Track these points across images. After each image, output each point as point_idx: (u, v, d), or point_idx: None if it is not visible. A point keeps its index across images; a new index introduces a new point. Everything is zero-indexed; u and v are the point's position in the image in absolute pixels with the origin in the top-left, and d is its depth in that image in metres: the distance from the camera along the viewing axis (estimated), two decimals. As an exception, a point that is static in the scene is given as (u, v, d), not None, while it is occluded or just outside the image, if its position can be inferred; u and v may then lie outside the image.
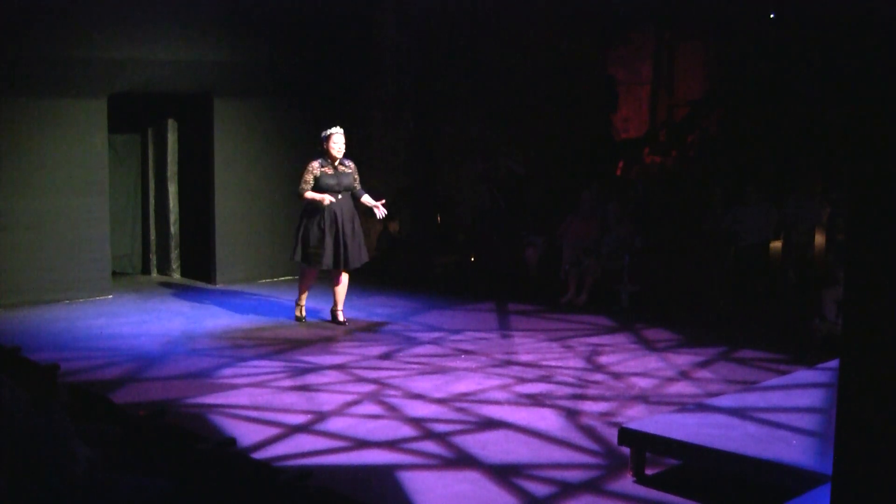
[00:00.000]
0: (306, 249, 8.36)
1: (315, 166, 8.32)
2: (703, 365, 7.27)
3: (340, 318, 8.60)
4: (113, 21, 9.69)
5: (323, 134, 8.40)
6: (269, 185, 11.09)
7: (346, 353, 7.60)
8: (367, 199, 8.48)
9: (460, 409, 6.07)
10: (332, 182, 8.30)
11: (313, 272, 8.57)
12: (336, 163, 8.35)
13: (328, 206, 8.21)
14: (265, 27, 10.77)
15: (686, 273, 10.57)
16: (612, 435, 5.29)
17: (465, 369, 7.07)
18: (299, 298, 8.81)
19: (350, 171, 8.44)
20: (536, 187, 12.79)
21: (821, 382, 5.64)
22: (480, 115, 12.54)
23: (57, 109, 9.51)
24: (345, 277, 8.52)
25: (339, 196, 8.31)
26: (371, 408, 6.10)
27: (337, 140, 8.35)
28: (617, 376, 6.92)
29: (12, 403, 3.53)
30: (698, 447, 4.59)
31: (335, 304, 8.65)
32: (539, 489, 4.73)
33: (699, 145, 14.61)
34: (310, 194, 8.27)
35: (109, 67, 9.83)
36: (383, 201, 8.49)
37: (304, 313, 8.79)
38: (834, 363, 5.72)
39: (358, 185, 8.49)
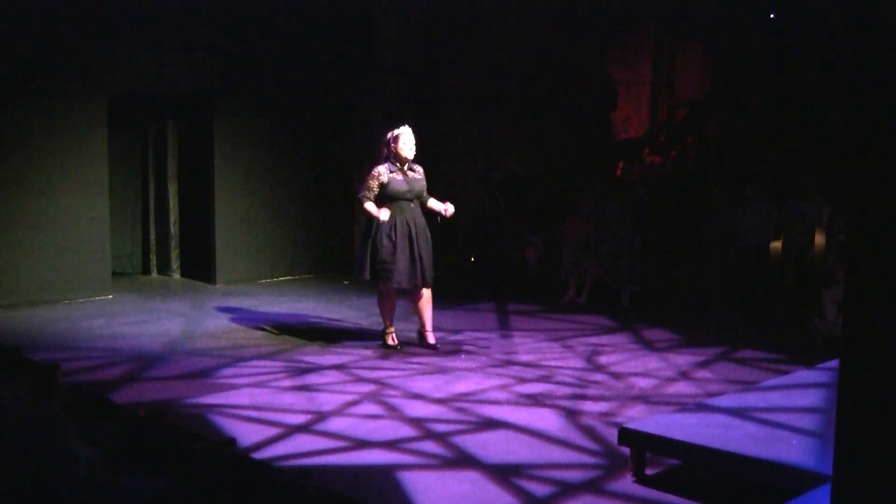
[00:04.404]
0: (376, 265, 7.30)
1: (381, 171, 7.30)
2: (703, 365, 7.27)
3: (430, 339, 7.61)
4: (113, 21, 9.70)
5: (390, 134, 7.42)
6: (269, 185, 11.11)
7: (346, 353, 7.60)
8: (433, 202, 7.50)
9: (460, 409, 6.06)
10: (402, 188, 7.30)
11: (391, 290, 7.46)
12: (405, 166, 7.40)
13: (399, 216, 7.27)
14: (265, 28, 10.78)
15: (686, 273, 10.58)
16: (612, 435, 5.28)
17: (465, 369, 7.07)
18: (386, 325, 7.69)
19: (420, 176, 7.46)
20: (537, 187, 12.80)
21: (821, 382, 5.64)
22: (480, 115, 12.55)
23: (57, 109, 9.52)
24: (427, 293, 7.52)
25: (412, 204, 7.36)
26: (371, 408, 6.09)
27: (407, 140, 7.34)
28: (617, 376, 6.92)
29: (12, 403, 3.53)
30: (698, 447, 4.58)
31: (422, 325, 7.66)
32: (539, 489, 4.73)
33: (699, 145, 14.62)
34: (369, 205, 7.27)
35: (110, 68, 9.83)
36: (448, 207, 7.46)
37: (396, 340, 7.68)
38: (834, 363, 5.72)
39: (426, 192, 7.53)
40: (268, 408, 6.06)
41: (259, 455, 5.08)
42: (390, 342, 7.68)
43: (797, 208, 10.65)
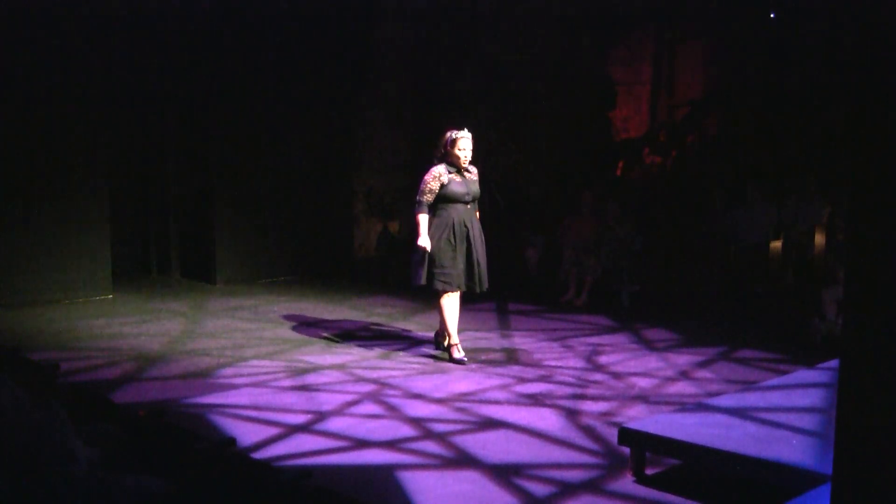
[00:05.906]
0: (434, 269, 7.11)
1: (441, 172, 7.15)
2: (703, 365, 7.27)
3: (446, 343, 7.50)
4: (113, 21, 9.70)
5: (449, 136, 7.19)
6: (269, 185, 11.11)
7: (346, 353, 7.60)
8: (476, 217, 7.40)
9: (460, 409, 6.06)
10: (461, 190, 7.15)
11: (454, 297, 7.29)
12: (462, 169, 7.26)
13: (457, 218, 7.13)
14: (266, 28, 10.78)
15: (686, 273, 10.56)
16: (612, 435, 5.28)
17: (465, 369, 7.07)
18: (450, 337, 7.33)
19: (476, 177, 7.33)
20: (537, 188, 12.79)
21: (821, 382, 5.64)
22: (480, 115, 12.55)
23: (57, 109, 9.52)
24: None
25: (469, 206, 7.22)
26: (371, 408, 6.10)
27: (465, 145, 7.15)
28: (617, 376, 6.92)
29: (12, 403, 3.53)
30: (698, 447, 4.58)
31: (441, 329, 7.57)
32: (539, 489, 4.73)
33: (699, 145, 14.61)
34: (422, 220, 7.11)
35: (110, 67, 9.83)
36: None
37: (462, 352, 7.32)
38: (834, 363, 5.72)
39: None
40: (268, 408, 6.06)
41: (259, 455, 5.08)
42: (457, 356, 7.29)
43: (797, 208, 10.63)
